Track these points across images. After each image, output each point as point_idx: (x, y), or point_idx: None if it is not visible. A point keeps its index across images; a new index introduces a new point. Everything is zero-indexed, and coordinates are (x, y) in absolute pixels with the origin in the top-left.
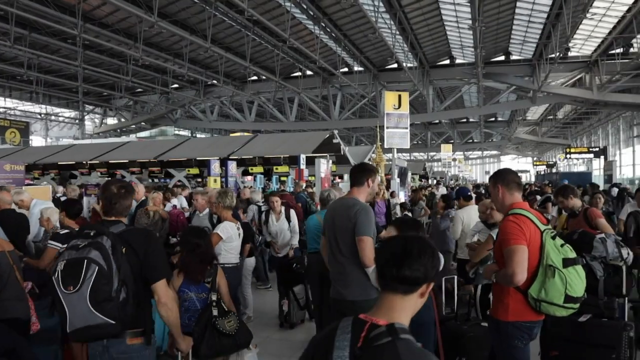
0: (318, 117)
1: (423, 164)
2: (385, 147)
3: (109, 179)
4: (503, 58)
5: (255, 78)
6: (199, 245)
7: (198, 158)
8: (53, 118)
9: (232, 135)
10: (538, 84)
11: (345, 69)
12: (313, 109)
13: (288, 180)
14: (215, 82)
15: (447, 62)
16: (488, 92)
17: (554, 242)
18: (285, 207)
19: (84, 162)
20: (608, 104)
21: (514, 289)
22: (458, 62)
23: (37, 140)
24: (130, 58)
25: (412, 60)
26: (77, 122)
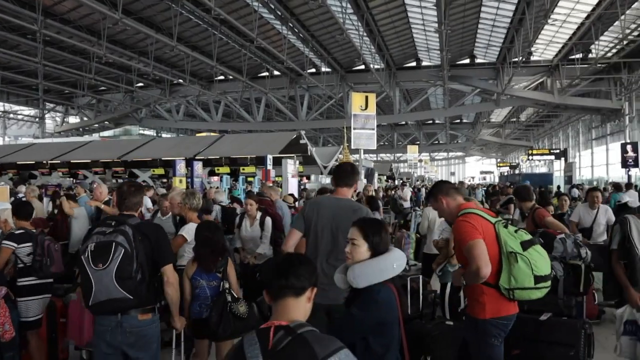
0: (285, 117)
1: (390, 165)
2: (352, 147)
3: (125, 181)
4: (468, 61)
5: (222, 78)
6: (210, 238)
7: (163, 158)
8: (11, 116)
9: (198, 136)
10: (502, 87)
11: (313, 70)
12: (280, 110)
13: (255, 181)
14: (182, 81)
15: (413, 64)
16: (453, 94)
17: (507, 230)
18: (263, 213)
19: (45, 161)
20: (568, 107)
21: (486, 286)
22: (424, 64)
23: None
24: (94, 55)
25: (379, 62)
26: (37, 120)
